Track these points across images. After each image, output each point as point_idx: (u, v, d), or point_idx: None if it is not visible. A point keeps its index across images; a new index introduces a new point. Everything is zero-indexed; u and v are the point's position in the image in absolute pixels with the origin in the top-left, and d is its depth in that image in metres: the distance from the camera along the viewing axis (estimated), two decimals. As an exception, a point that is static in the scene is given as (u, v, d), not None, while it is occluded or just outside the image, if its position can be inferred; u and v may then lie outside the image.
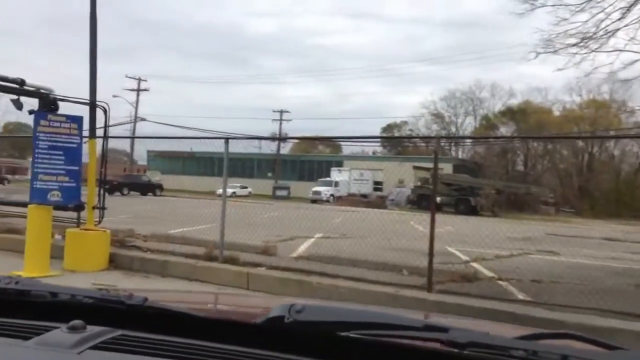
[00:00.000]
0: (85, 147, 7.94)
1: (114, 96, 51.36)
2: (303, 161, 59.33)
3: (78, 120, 7.88)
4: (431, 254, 6.54)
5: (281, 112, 58.42)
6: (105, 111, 8.54)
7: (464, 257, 10.05)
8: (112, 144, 11.45)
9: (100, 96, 8.41)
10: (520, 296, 6.60)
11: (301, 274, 7.16)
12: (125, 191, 36.07)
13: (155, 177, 44.76)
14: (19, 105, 7.52)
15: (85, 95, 8.35)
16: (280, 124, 58.14)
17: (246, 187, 47.28)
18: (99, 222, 8.63)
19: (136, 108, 51.18)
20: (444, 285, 6.67)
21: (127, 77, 52.27)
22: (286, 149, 59.64)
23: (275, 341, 1.03)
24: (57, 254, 8.24)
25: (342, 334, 1.01)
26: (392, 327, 1.04)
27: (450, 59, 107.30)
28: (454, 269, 8.02)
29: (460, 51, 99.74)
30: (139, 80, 52.00)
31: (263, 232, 11.09)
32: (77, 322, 1.03)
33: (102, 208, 8.59)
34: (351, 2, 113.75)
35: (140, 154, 56.78)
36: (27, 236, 7.69)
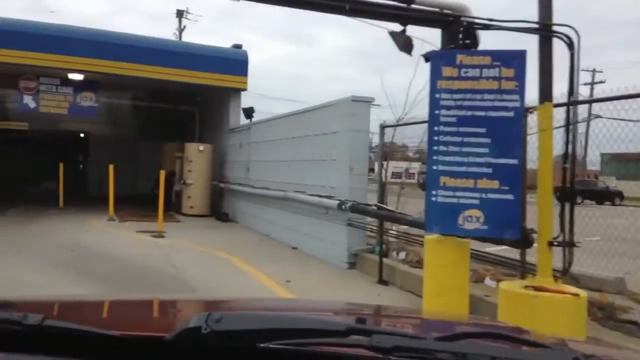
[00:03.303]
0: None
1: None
2: None
3: (516, 60, 3.73)
4: None
5: None
6: (570, 45, 4.11)
7: None
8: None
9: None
10: None
11: None
12: (579, 200, 30.90)
13: (611, 183, 37.82)
14: (404, 44, 3.94)
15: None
16: None
17: None
18: (565, 271, 4.21)
19: (589, 107, 44.31)
20: None
21: (581, 70, 46.06)
22: None
23: (189, 356, 0.99)
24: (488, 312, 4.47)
25: (262, 345, 0.96)
26: (316, 334, 0.99)
27: None
28: None
29: None
30: (593, 71, 45.09)
31: None
32: None
33: (571, 245, 4.11)
34: None
35: (590, 158, 49.69)
36: (424, 282, 4.08)
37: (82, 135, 21.62)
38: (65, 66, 12.54)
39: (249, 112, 12.62)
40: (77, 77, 13.68)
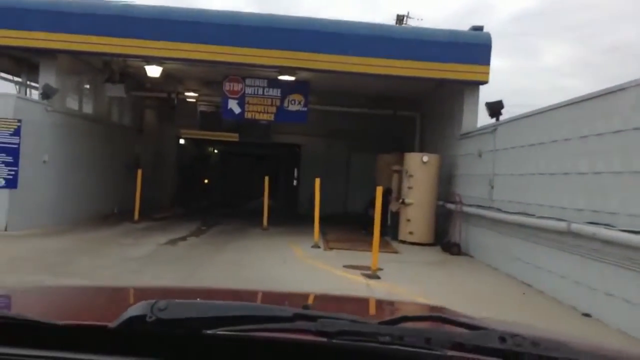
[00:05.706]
0: None
1: None
2: None
3: None
4: None
5: None
6: None
7: None
8: None
9: None
10: None
11: None
12: None
13: None
14: None
15: None
16: None
17: None
18: None
19: None
20: None
21: None
22: None
23: (134, 344, 0.96)
24: None
25: (209, 331, 0.94)
26: (262, 320, 0.98)
27: None
28: None
29: None
30: None
31: None
32: None
33: None
34: None
35: None
36: None
37: (294, 147, 20.51)
38: (271, 62, 10.76)
39: (496, 108, 9.24)
40: (288, 78, 11.95)
